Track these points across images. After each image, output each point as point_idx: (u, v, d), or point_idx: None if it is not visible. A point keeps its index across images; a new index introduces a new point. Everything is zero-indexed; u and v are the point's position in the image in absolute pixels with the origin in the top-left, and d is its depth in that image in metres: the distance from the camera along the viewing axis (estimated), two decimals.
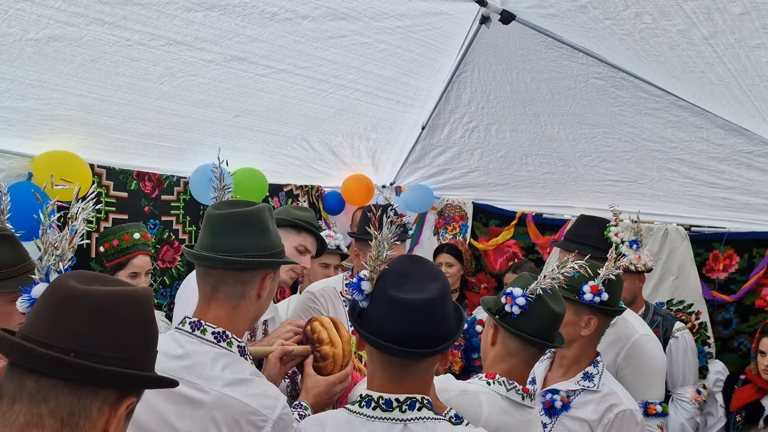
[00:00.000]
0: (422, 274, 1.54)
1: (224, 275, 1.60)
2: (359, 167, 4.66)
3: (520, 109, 3.96)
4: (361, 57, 3.49)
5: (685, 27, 2.21)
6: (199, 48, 2.96)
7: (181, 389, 1.49)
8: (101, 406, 1.01)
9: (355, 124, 4.13)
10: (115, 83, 2.94)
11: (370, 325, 1.51)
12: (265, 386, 1.58)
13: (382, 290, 1.50)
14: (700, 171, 3.63)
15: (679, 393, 3.30)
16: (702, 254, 3.87)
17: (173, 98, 3.20)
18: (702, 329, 3.77)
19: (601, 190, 4.14)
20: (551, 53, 3.48)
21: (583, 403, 2.21)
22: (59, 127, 3.04)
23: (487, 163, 4.50)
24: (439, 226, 5.05)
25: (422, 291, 1.48)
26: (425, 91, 4.05)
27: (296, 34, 3.13)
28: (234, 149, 3.80)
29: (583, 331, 2.26)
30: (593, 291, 2.24)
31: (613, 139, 3.80)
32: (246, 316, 1.65)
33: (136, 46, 2.80)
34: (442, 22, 3.45)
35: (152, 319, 1.12)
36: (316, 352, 2.01)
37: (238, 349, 1.61)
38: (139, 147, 3.44)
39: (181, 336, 1.60)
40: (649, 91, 3.38)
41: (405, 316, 1.46)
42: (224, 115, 3.49)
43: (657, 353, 2.74)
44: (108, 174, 3.48)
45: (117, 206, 3.52)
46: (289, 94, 3.56)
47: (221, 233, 1.60)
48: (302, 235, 2.52)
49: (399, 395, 1.48)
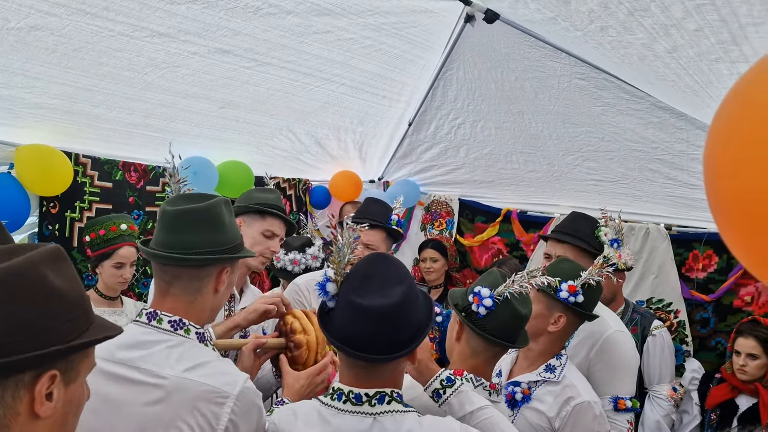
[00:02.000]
0: (387, 275, 1.52)
1: (179, 272, 1.59)
2: (347, 161, 4.69)
3: (505, 107, 3.99)
4: (346, 52, 3.51)
5: (647, 41, 2.23)
6: (183, 40, 2.99)
7: (137, 377, 1.52)
8: (15, 391, 1.00)
9: (341, 117, 4.15)
10: (98, 73, 2.97)
11: (334, 327, 1.52)
12: (223, 365, 1.58)
13: (345, 293, 1.51)
14: (680, 172, 3.66)
15: (655, 390, 3.33)
16: (682, 254, 3.90)
17: (158, 89, 3.23)
18: (680, 328, 3.80)
19: (584, 190, 4.17)
20: (535, 53, 3.51)
21: (543, 394, 2.23)
22: (43, 116, 3.08)
23: (473, 160, 4.53)
24: (426, 222, 5.08)
25: (385, 296, 1.47)
26: (411, 87, 4.08)
27: (280, 29, 3.16)
28: (220, 140, 3.83)
29: (550, 326, 2.29)
30: (570, 290, 2.27)
31: (595, 138, 3.82)
32: (203, 309, 1.64)
33: (119, 36, 2.83)
34: (427, 20, 3.48)
35: (44, 283, 1.03)
36: (290, 342, 2.03)
37: (197, 336, 1.60)
38: (125, 136, 3.47)
39: (137, 327, 1.60)
40: (630, 92, 3.41)
41: (366, 323, 1.46)
42: (209, 106, 3.52)
43: (629, 349, 2.77)
44: (93, 164, 3.50)
45: (101, 196, 3.55)
46: (275, 87, 3.59)
47: (175, 230, 1.58)
48: (267, 219, 2.50)
49: (368, 389, 1.50)
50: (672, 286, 3.87)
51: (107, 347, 1.53)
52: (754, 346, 3.13)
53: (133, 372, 1.53)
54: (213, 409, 1.49)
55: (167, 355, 1.54)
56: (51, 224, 3.38)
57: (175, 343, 1.57)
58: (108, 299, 3.17)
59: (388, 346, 1.47)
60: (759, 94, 0.84)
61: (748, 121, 0.85)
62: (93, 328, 1.11)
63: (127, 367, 1.54)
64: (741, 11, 1.61)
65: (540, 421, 2.19)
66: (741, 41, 1.72)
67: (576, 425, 2.15)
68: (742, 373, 3.15)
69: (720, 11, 1.68)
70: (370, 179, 5.03)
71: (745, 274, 3.66)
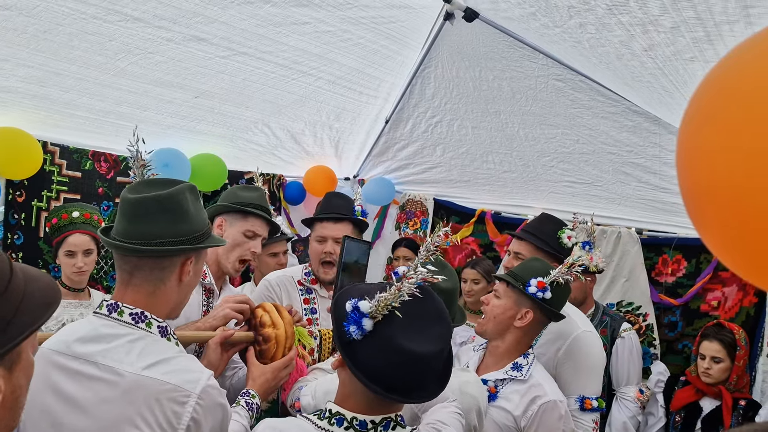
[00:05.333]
0: (428, 313, 1.45)
1: (140, 262, 1.54)
2: (322, 157, 4.65)
3: (483, 106, 4.00)
4: (324, 45, 3.48)
5: (625, 38, 2.24)
6: (157, 26, 2.93)
7: (96, 374, 1.45)
8: None
9: (317, 112, 4.11)
10: (69, 56, 2.90)
11: (363, 362, 1.41)
12: (186, 362, 1.53)
13: (386, 333, 1.39)
14: (653, 176, 3.70)
15: (622, 392, 3.37)
16: (652, 258, 3.95)
17: (130, 75, 3.16)
18: (648, 331, 3.85)
19: (558, 191, 4.20)
20: (513, 53, 3.52)
21: (510, 393, 2.24)
22: (10, 100, 2.99)
23: (449, 159, 4.53)
24: (400, 221, 5.07)
25: (432, 340, 1.40)
26: (389, 84, 4.06)
27: (258, 18, 3.11)
28: (194, 131, 3.77)
29: (517, 321, 2.30)
30: (539, 286, 2.29)
31: (570, 140, 3.85)
32: (167, 300, 1.59)
33: (91, 20, 2.76)
34: (407, 16, 3.46)
35: None
36: (259, 336, 2.00)
37: (159, 330, 1.55)
38: (95, 124, 3.39)
39: (97, 319, 1.54)
40: (606, 95, 3.44)
41: (410, 368, 1.38)
42: (183, 96, 3.46)
43: (597, 350, 2.79)
44: (62, 152, 3.42)
45: (69, 186, 3.46)
46: (251, 78, 3.54)
47: (134, 219, 1.53)
48: (249, 219, 2.43)
49: (375, 417, 1.44)
50: (642, 290, 3.92)
51: (64, 339, 1.49)
52: (718, 349, 3.17)
53: (91, 368, 1.46)
54: (174, 408, 1.44)
55: (128, 350, 1.47)
56: (17, 213, 3.28)
57: (136, 337, 1.50)
58: (73, 291, 3.09)
59: (427, 391, 1.44)
60: (738, 78, 0.84)
61: (725, 107, 0.84)
62: (24, 308, 1.01)
63: (85, 362, 1.47)
64: (716, 9, 1.62)
65: (506, 420, 2.19)
66: (715, 39, 1.74)
67: (542, 424, 2.16)
68: (706, 376, 3.19)
69: (696, 8, 1.70)
70: (345, 176, 5.00)
71: (712, 279, 3.73)
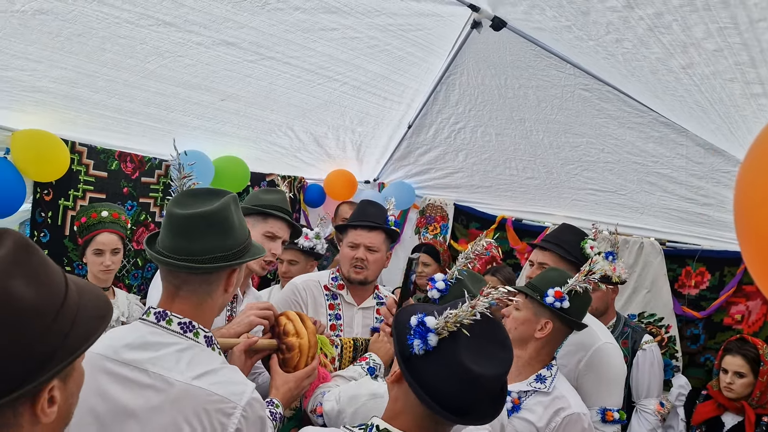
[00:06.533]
0: (491, 336, 1.45)
1: (188, 277, 1.56)
2: (344, 160, 4.66)
3: (507, 113, 3.99)
4: (350, 51, 3.49)
5: (663, 56, 2.24)
6: (188, 30, 2.95)
7: (146, 381, 1.48)
8: (14, 410, 0.95)
9: (341, 116, 4.12)
10: (101, 59, 2.92)
11: (424, 379, 1.40)
12: (231, 374, 1.56)
13: (451, 351, 1.39)
14: (678, 186, 3.68)
15: (643, 404, 3.34)
16: (675, 270, 3.92)
17: (159, 77, 3.18)
18: (670, 343, 3.82)
19: (581, 199, 4.18)
20: (540, 62, 3.51)
21: (534, 404, 2.23)
22: (42, 100, 3.02)
23: (471, 165, 4.53)
24: (420, 225, 5.07)
25: (495, 363, 1.40)
26: (413, 90, 4.06)
27: (287, 24, 3.13)
28: (218, 133, 3.79)
29: (537, 333, 2.29)
30: (556, 296, 2.28)
31: (595, 149, 3.83)
32: (213, 309, 1.63)
33: (124, 24, 2.78)
34: (434, 24, 3.46)
35: (13, 301, 0.92)
36: (282, 344, 2.01)
37: (205, 340, 1.58)
38: (123, 125, 3.42)
39: (144, 326, 1.57)
40: (633, 105, 3.42)
41: (471, 389, 1.38)
42: (210, 98, 3.48)
43: (617, 361, 2.78)
44: (89, 152, 3.45)
45: (95, 185, 3.50)
46: (277, 82, 3.55)
47: (183, 235, 1.54)
48: (269, 221, 2.46)
49: None
50: (664, 302, 3.90)
51: (111, 345, 1.52)
52: (741, 364, 3.14)
53: (141, 375, 1.49)
54: (221, 419, 1.47)
55: (177, 359, 1.51)
56: (44, 211, 3.32)
57: (184, 346, 1.54)
58: None
59: (483, 415, 1.43)
60: None
61: None
62: (78, 320, 1.02)
63: (134, 369, 1.50)
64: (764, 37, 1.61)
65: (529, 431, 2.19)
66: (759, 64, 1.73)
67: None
68: (728, 390, 3.16)
69: (743, 35, 1.69)
70: (365, 180, 5.01)
71: (736, 293, 3.69)
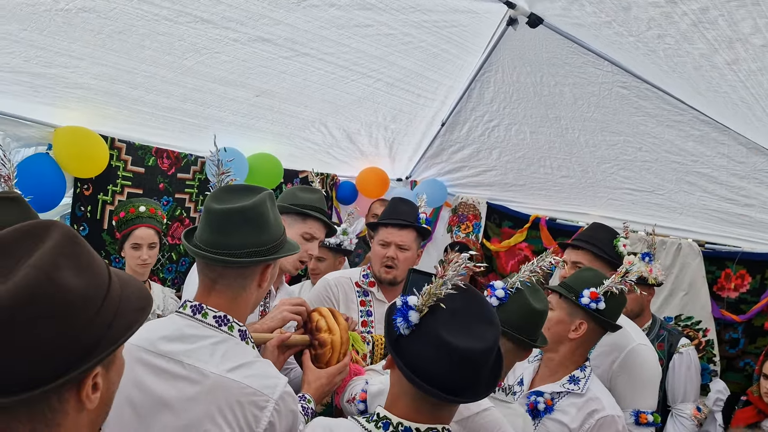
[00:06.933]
0: (476, 313, 1.44)
1: (224, 271, 1.59)
2: (376, 158, 4.66)
3: (542, 111, 3.94)
4: (384, 47, 3.48)
5: (707, 52, 2.19)
6: (225, 27, 2.98)
7: (182, 372, 1.51)
8: (60, 396, 0.97)
9: (374, 113, 4.12)
10: (140, 56, 2.97)
11: (410, 357, 1.41)
12: (265, 367, 1.58)
13: (431, 327, 1.39)
14: (719, 186, 3.59)
15: (679, 408, 3.28)
16: (714, 272, 3.83)
17: (196, 74, 3.22)
18: (708, 347, 3.74)
19: (617, 198, 4.11)
20: (577, 59, 3.45)
21: (567, 406, 2.21)
22: (84, 96, 3.09)
23: (505, 163, 4.49)
24: (452, 224, 5.05)
25: (475, 337, 1.38)
26: (446, 87, 4.04)
27: (322, 20, 3.13)
28: (253, 129, 3.83)
29: (571, 333, 2.27)
30: (592, 297, 2.25)
31: (633, 148, 3.76)
32: (247, 304, 1.65)
33: (163, 21, 2.82)
34: (469, 20, 3.43)
35: (64, 291, 0.94)
36: (315, 340, 2.03)
37: (239, 333, 1.60)
38: (160, 120, 3.48)
39: (180, 319, 1.60)
40: (672, 103, 3.34)
41: (452, 363, 1.37)
42: (245, 94, 3.51)
43: (652, 363, 2.73)
44: (127, 149, 3.52)
45: (133, 181, 3.56)
46: (311, 78, 3.57)
47: (220, 230, 1.58)
48: (308, 222, 2.47)
49: (420, 425, 1.42)
50: (702, 304, 3.81)
51: (148, 337, 1.55)
52: None
53: (176, 366, 1.52)
54: (254, 412, 1.49)
55: (212, 352, 1.53)
56: (84, 206, 3.40)
57: (219, 339, 1.56)
58: None
59: (473, 390, 1.42)
60: None
61: None
62: (121, 311, 1.04)
63: (170, 361, 1.53)
64: None
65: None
66: None
67: None
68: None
69: None
70: (397, 177, 5.00)
71: None
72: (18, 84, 2.86)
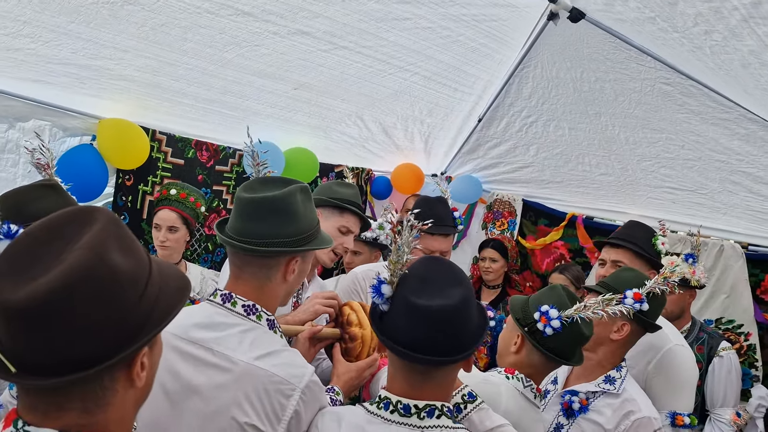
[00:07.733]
0: (445, 277, 1.48)
1: (248, 259, 1.61)
2: (411, 152, 4.65)
3: (582, 107, 3.87)
4: (422, 41, 3.46)
5: (757, 48, 2.11)
6: (265, 20, 3.00)
7: (211, 360, 1.54)
8: (111, 375, 1.00)
9: (410, 106, 4.11)
10: (182, 48, 3.02)
11: (389, 329, 1.46)
12: (292, 356, 1.59)
13: (402, 295, 1.46)
14: (764, 186, 3.48)
15: (718, 413, 3.20)
16: (757, 275, 3.72)
17: (236, 67, 3.26)
18: (750, 351, 3.64)
19: (657, 197, 4.03)
20: (618, 54, 3.38)
21: (602, 406, 2.18)
22: (127, 87, 3.16)
23: (542, 160, 4.43)
24: (487, 221, 5.01)
25: (443, 296, 1.42)
26: (484, 81, 4.00)
27: (361, 13, 3.14)
28: (290, 122, 3.86)
29: (613, 335, 2.24)
30: (635, 298, 2.21)
31: (675, 145, 3.67)
32: (274, 295, 1.66)
33: (205, 14, 2.86)
34: (509, 15, 3.39)
35: (115, 272, 0.97)
36: (345, 334, 2.04)
37: (267, 323, 1.62)
38: (200, 112, 3.54)
39: (211, 307, 1.62)
40: (718, 100, 3.24)
41: (425, 323, 1.40)
42: (283, 87, 3.54)
43: (689, 365, 2.66)
44: (168, 140, 3.59)
45: (173, 172, 3.63)
46: (349, 72, 3.58)
47: (247, 218, 1.59)
48: (345, 215, 2.49)
49: (418, 401, 1.45)
50: (744, 308, 3.71)
51: (181, 324, 1.57)
52: None
53: (206, 353, 1.55)
54: (280, 400, 1.50)
55: (240, 340, 1.55)
56: (125, 196, 3.48)
57: (247, 328, 1.58)
58: None
59: (447, 349, 1.42)
60: None
61: None
62: (162, 292, 1.07)
63: (200, 348, 1.56)
64: None
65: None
66: None
67: None
68: None
69: None
70: (432, 173, 4.98)
71: None
72: (66, 75, 2.94)
